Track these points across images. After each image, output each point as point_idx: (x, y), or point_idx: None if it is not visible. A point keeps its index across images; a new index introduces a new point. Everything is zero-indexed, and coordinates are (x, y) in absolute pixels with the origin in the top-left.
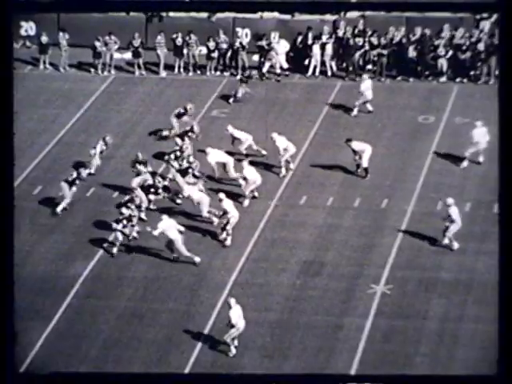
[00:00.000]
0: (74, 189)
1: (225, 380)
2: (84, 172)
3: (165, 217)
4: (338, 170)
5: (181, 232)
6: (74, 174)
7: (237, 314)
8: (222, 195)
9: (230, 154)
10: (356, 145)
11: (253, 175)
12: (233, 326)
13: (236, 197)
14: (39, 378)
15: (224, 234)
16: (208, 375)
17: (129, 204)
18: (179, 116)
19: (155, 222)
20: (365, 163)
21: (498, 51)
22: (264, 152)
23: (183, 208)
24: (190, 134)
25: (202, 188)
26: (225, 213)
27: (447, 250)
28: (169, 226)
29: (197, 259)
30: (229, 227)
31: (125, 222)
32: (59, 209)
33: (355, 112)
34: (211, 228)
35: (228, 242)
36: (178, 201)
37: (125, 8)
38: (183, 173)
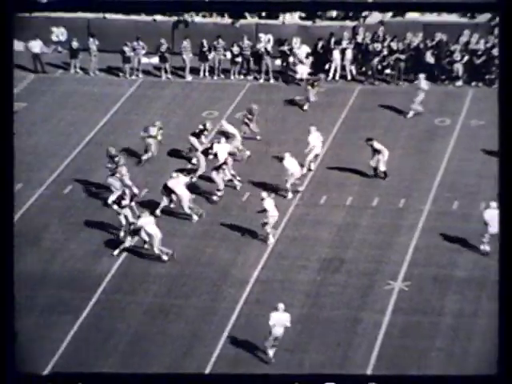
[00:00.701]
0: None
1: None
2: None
3: (145, 214)
4: (357, 170)
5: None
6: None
7: (273, 321)
8: (264, 194)
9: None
10: (377, 145)
11: (294, 167)
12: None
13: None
14: (39, 378)
15: (264, 233)
16: (213, 376)
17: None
18: (198, 135)
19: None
20: (382, 167)
21: (498, 50)
22: (248, 153)
23: (207, 207)
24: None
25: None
26: (265, 211)
27: (462, 248)
28: (147, 223)
29: (164, 257)
30: (267, 227)
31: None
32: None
33: (411, 114)
34: (235, 224)
35: (270, 241)
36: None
37: (125, 8)
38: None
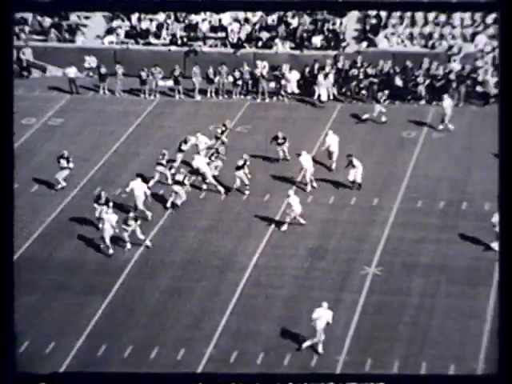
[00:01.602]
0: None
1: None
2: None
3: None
4: (338, 175)
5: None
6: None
7: (317, 315)
8: (290, 191)
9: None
10: (355, 161)
11: (308, 163)
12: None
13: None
14: (39, 378)
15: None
16: (210, 374)
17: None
18: (222, 133)
19: None
20: (359, 179)
21: (498, 50)
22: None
23: (213, 205)
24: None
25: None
26: (289, 206)
27: (425, 239)
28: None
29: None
30: (288, 218)
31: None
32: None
33: (441, 126)
34: (236, 219)
35: (283, 228)
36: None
37: (125, 8)
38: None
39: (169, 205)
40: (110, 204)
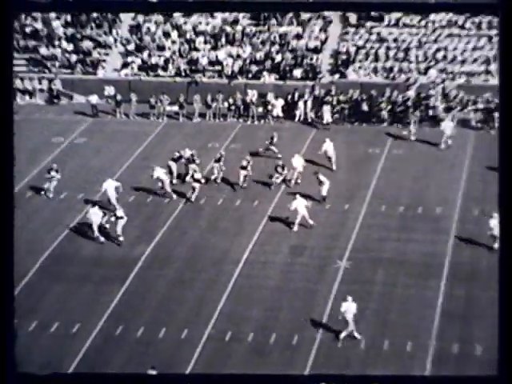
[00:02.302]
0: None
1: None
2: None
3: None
4: (314, 185)
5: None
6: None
7: (344, 308)
8: (297, 196)
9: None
10: (321, 177)
11: (297, 164)
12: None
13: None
14: (39, 378)
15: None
16: (208, 375)
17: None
18: (271, 143)
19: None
20: (324, 192)
21: (498, 51)
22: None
23: (212, 209)
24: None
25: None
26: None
27: (387, 237)
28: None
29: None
30: (296, 220)
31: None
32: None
33: (443, 145)
34: (231, 221)
35: (294, 229)
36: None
37: (124, 8)
38: None
39: (192, 197)
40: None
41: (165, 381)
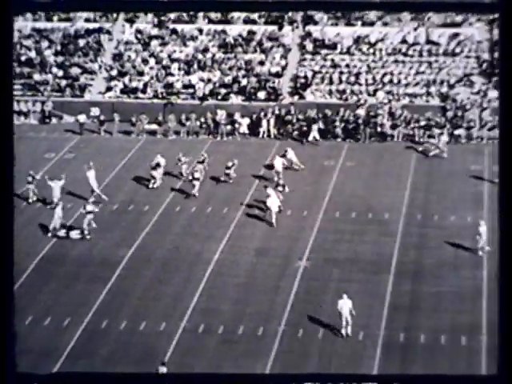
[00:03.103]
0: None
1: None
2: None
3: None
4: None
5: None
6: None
7: (340, 305)
8: (269, 190)
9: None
10: (269, 190)
11: (279, 166)
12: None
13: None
14: (39, 378)
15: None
16: (206, 375)
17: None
18: (283, 156)
19: None
20: (269, 204)
21: (498, 51)
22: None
23: (187, 216)
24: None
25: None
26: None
27: (341, 239)
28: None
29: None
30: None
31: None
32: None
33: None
34: (203, 226)
35: (273, 223)
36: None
37: (124, 8)
38: None
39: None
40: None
41: (166, 381)
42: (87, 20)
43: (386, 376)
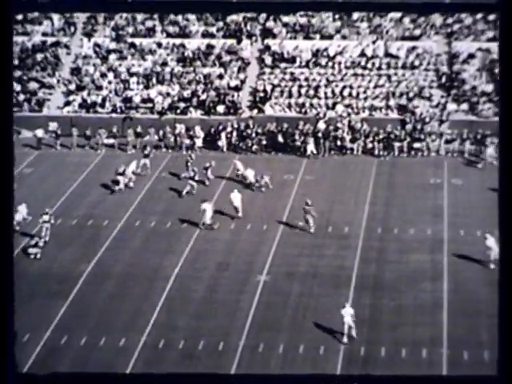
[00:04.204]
0: None
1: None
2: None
3: None
4: (232, 208)
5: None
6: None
7: (343, 313)
8: (204, 205)
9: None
10: (203, 205)
11: (250, 174)
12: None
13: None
14: (39, 378)
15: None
16: (204, 375)
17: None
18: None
19: None
20: (206, 220)
21: (498, 51)
22: None
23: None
24: None
25: None
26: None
27: (302, 253)
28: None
29: None
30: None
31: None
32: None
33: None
34: (162, 240)
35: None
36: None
37: (124, 8)
38: None
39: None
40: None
41: (166, 381)
42: (45, 34)
43: (385, 376)
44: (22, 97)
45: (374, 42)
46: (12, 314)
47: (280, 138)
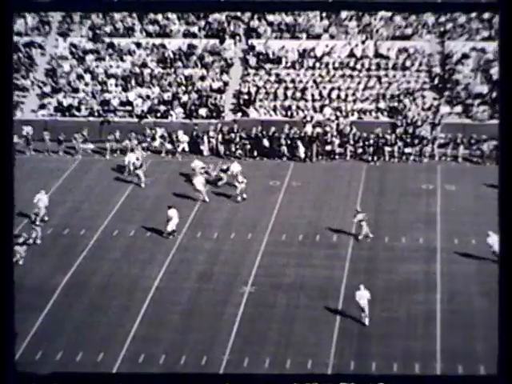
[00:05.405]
0: None
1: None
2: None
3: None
4: (221, 215)
5: None
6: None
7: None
8: (170, 211)
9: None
10: (170, 212)
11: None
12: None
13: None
14: (39, 378)
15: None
16: (204, 375)
17: None
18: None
19: None
20: (169, 228)
21: (498, 51)
22: None
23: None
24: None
25: None
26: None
27: (288, 264)
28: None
29: None
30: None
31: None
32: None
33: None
34: (141, 251)
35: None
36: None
37: (124, 8)
38: None
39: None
40: None
41: (165, 381)
42: (18, 34)
43: (385, 376)
44: None
45: (363, 42)
46: (12, 315)
47: (265, 143)
